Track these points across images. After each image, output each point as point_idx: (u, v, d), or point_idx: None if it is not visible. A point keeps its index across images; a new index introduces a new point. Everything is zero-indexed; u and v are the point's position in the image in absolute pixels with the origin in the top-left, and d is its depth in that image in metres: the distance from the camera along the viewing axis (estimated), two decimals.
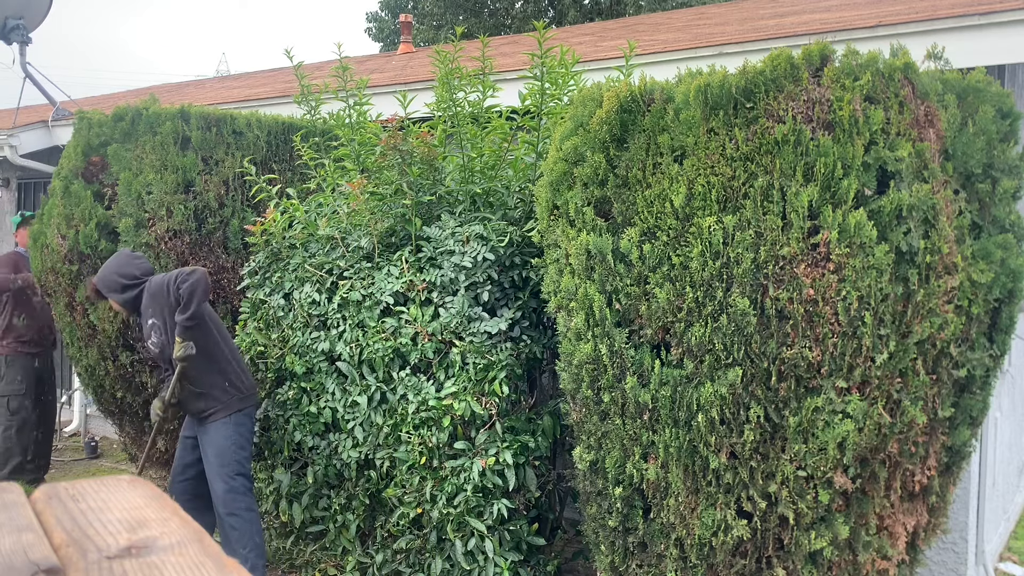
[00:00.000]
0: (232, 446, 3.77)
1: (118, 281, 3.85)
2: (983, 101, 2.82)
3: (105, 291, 3.88)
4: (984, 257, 2.75)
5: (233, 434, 3.78)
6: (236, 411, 3.81)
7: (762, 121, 2.59)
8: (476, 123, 4.08)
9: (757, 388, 2.61)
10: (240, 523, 3.73)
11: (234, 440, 3.78)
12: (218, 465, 3.75)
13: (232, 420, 3.80)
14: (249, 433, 3.89)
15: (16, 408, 5.47)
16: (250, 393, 3.89)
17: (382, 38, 21.51)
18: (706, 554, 2.77)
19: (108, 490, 0.71)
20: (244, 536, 3.72)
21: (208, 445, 3.80)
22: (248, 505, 3.77)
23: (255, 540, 3.76)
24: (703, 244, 2.65)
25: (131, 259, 3.96)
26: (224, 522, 3.75)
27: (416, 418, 3.54)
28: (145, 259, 4.03)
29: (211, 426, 3.80)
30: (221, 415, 3.79)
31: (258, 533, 3.78)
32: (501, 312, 3.59)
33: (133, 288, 3.86)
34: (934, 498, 2.84)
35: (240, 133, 4.94)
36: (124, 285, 3.85)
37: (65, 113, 7.28)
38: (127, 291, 3.85)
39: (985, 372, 2.83)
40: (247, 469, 3.84)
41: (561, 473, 3.71)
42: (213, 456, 3.77)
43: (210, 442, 3.79)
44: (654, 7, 16.91)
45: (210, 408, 3.79)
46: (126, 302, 3.87)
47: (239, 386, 3.85)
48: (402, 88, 5.36)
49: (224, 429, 3.78)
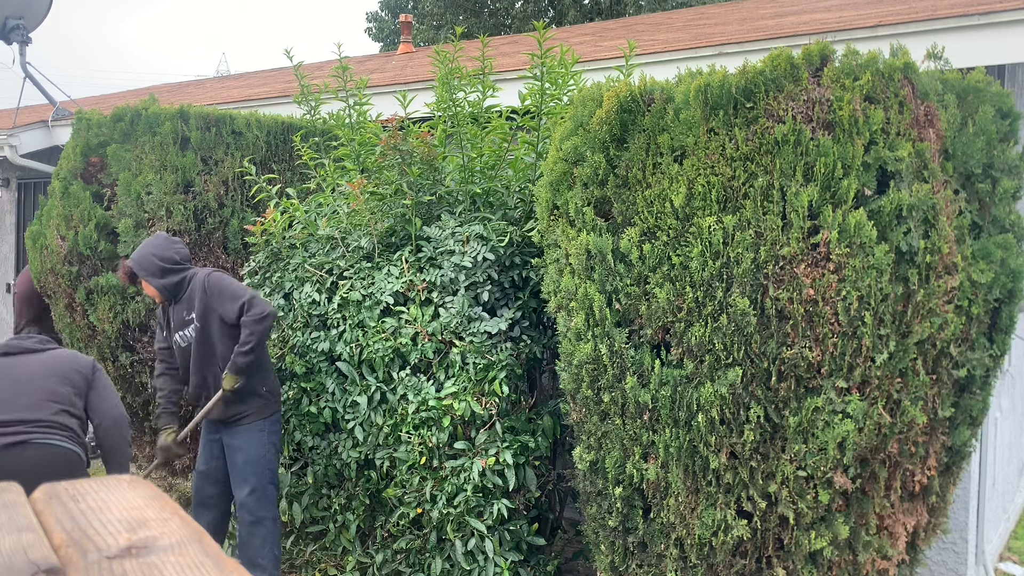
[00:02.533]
0: (266, 454, 3.65)
1: (157, 264, 3.67)
2: (983, 101, 2.82)
3: (142, 273, 3.68)
4: (984, 257, 2.75)
5: (267, 442, 3.66)
6: (268, 416, 3.70)
7: (762, 121, 2.59)
8: (476, 123, 4.08)
9: (757, 388, 2.61)
10: (263, 532, 3.63)
11: (267, 448, 3.66)
12: (250, 472, 3.62)
13: (266, 426, 3.67)
14: (279, 439, 3.78)
15: None
16: (278, 394, 3.80)
17: (382, 38, 21.51)
18: (706, 554, 2.77)
19: (108, 490, 0.71)
20: (265, 546, 3.62)
21: (238, 451, 3.65)
22: (274, 515, 3.67)
23: (274, 552, 3.65)
24: (703, 244, 2.65)
25: (170, 242, 3.78)
26: (246, 529, 3.64)
27: (416, 418, 3.54)
28: (183, 244, 3.85)
29: (242, 430, 3.65)
30: (255, 419, 3.65)
31: (277, 545, 3.68)
32: (501, 312, 3.59)
33: (174, 274, 3.69)
34: (934, 498, 2.84)
35: (240, 133, 4.93)
36: (164, 269, 3.67)
37: (65, 113, 7.28)
38: (167, 275, 3.67)
39: (985, 372, 2.83)
40: (277, 478, 3.73)
41: (561, 473, 3.71)
42: (243, 462, 3.63)
43: (241, 448, 3.65)
44: (654, 7, 16.91)
45: (243, 412, 3.65)
46: (165, 288, 3.69)
47: (274, 390, 3.75)
48: (402, 88, 5.36)
49: (259, 436, 3.64)
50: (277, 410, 3.77)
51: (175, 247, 3.77)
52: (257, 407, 3.67)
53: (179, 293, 3.72)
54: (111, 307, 4.74)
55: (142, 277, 3.70)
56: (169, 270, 3.69)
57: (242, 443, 3.65)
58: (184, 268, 3.74)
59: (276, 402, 3.76)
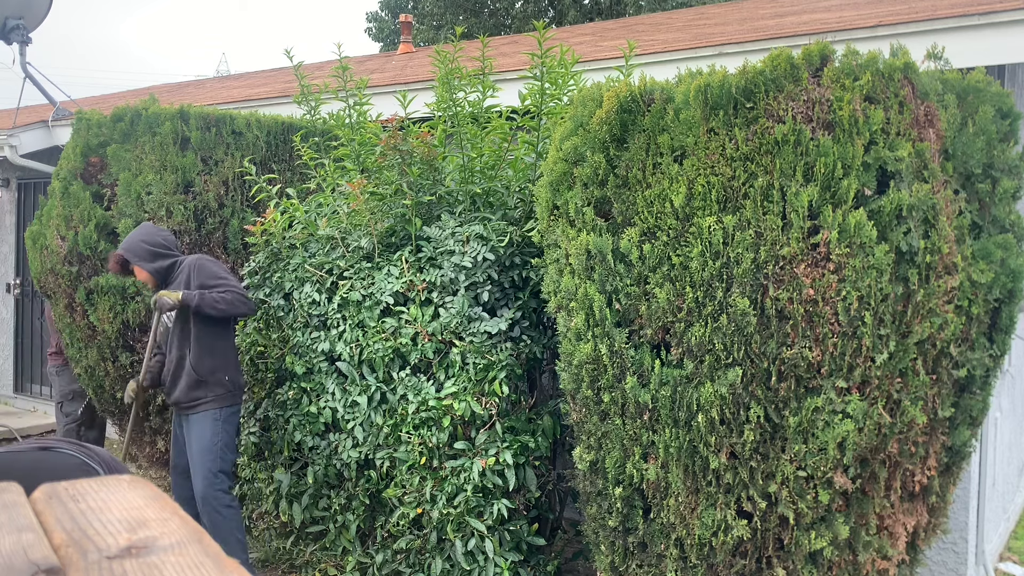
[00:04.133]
0: (218, 442, 3.74)
1: (146, 249, 3.79)
2: (983, 101, 2.82)
3: (133, 259, 3.79)
4: (984, 257, 2.75)
5: (220, 430, 3.75)
6: (227, 406, 3.78)
7: (762, 121, 2.59)
8: (476, 123, 4.08)
9: (757, 388, 2.61)
10: (221, 520, 3.70)
11: (220, 436, 3.75)
12: (200, 460, 3.71)
13: (221, 415, 3.77)
14: (235, 430, 3.86)
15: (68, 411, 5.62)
16: (240, 390, 3.89)
17: (382, 38, 21.51)
18: (706, 554, 2.77)
19: (108, 490, 0.71)
20: (225, 533, 3.68)
21: (194, 439, 3.75)
22: (228, 502, 3.74)
23: (236, 536, 3.73)
24: (703, 244, 2.65)
25: (155, 229, 3.92)
26: (206, 517, 3.71)
27: (416, 418, 3.54)
28: (168, 231, 4.00)
29: (197, 417, 3.75)
30: (211, 407, 3.75)
31: (239, 529, 3.75)
32: (501, 312, 3.59)
33: (164, 258, 3.81)
34: (934, 498, 2.84)
35: (240, 133, 4.93)
36: (154, 253, 3.79)
37: (65, 113, 7.27)
38: (157, 260, 3.80)
39: (985, 372, 2.83)
40: (229, 466, 3.80)
41: (561, 473, 3.71)
42: (197, 451, 3.73)
43: (195, 435, 3.75)
44: (654, 7, 16.92)
45: (202, 398, 3.75)
46: (156, 271, 3.80)
47: (236, 381, 3.85)
48: (402, 88, 5.36)
49: (212, 424, 3.74)
50: (236, 403, 3.85)
51: (161, 233, 3.91)
52: (215, 395, 3.76)
53: (170, 276, 3.82)
54: (111, 307, 4.75)
55: (133, 263, 3.81)
56: (159, 254, 3.81)
57: (197, 430, 3.75)
58: (173, 253, 3.86)
59: (236, 395, 3.85)
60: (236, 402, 3.85)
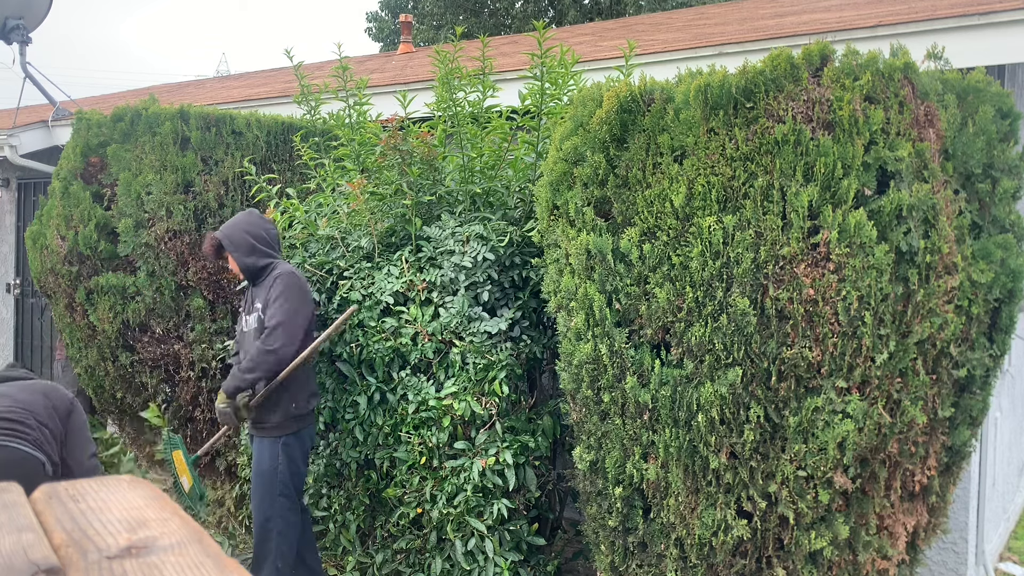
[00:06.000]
0: (277, 467, 3.55)
1: (248, 241, 3.56)
2: (983, 101, 2.82)
3: (230, 247, 3.57)
4: (984, 257, 2.75)
5: (280, 454, 3.55)
6: (290, 432, 3.56)
7: (762, 121, 2.59)
8: (476, 123, 4.08)
9: (757, 388, 2.61)
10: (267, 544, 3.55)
11: (279, 462, 3.55)
12: (259, 482, 3.57)
13: (281, 441, 3.55)
14: (299, 457, 3.62)
15: None
16: (309, 419, 3.67)
17: (382, 38, 21.51)
18: (706, 554, 2.77)
19: (108, 490, 0.71)
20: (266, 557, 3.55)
21: (255, 460, 3.61)
22: (280, 528, 3.55)
23: (276, 565, 3.55)
24: (703, 244, 2.65)
25: (261, 220, 3.66)
26: (255, 536, 3.60)
27: (416, 418, 3.54)
28: (272, 223, 3.73)
29: (259, 441, 3.60)
30: (274, 433, 3.56)
31: (280, 557, 3.55)
32: (501, 312, 3.59)
33: (263, 257, 3.58)
34: (934, 498, 2.84)
35: (240, 133, 4.93)
36: (253, 247, 3.56)
37: (65, 113, 7.28)
38: (254, 255, 3.56)
39: (985, 372, 2.83)
40: (291, 490, 3.58)
41: (561, 473, 3.71)
42: (256, 472, 3.59)
43: (257, 457, 3.60)
44: (654, 7, 16.92)
45: (266, 422, 3.56)
46: (247, 268, 3.57)
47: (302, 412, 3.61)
48: (402, 88, 5.36)
49: (272, 448, 3.55)
50: (302, 429, 3.62)
51: (265, 225, 3.65)
52: (278, 422, 3.55)
53: (259, 278, 3.61)
54: (111, 307, 4.74)
55: (228, 251, 3.59)
56: (258, 249, 3.58)
57: (257, 453, 3.60)
58: (272, 253, 3.63)
59: (302, 423, 3.62)
60: (302, 428, 3.62)
